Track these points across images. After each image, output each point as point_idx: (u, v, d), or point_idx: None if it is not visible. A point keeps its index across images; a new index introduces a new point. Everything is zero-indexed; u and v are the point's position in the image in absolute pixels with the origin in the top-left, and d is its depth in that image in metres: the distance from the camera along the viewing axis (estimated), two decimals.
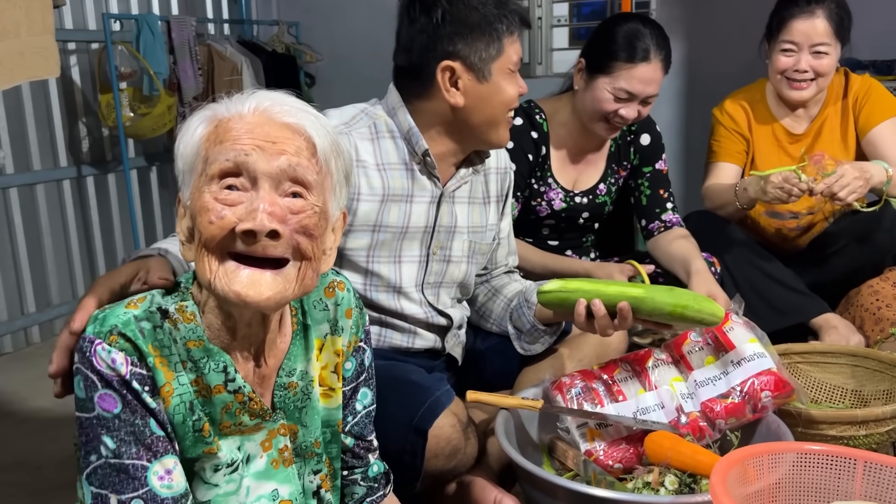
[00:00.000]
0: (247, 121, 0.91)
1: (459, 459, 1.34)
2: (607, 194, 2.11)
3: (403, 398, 1.25)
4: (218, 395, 0.93)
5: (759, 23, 3.22)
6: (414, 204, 1.47)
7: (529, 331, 1.52)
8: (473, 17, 1.38)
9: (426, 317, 1.52)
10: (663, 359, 1.45)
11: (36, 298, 3.18)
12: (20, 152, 3.09)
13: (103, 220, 3.47)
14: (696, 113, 3.50)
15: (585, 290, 1.37)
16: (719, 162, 2.29)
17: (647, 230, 2.09)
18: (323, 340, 1.06)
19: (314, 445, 1.05)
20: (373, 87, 4.09)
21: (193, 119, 0.93)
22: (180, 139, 0.93)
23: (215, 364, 0.92)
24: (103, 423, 0.87)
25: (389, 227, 1.45)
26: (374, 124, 1.47)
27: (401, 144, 1.47)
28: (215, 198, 0.88)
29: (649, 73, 1.86)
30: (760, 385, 1.34)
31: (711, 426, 1.36)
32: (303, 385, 1.02)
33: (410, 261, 1.49)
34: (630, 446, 1.37)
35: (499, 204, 1.64)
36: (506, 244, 1.71)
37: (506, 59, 1.41)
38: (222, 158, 0.88)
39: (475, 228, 1.58)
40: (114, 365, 0.87)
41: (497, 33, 1.39)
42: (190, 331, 0.91)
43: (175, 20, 3.32)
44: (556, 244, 2.13)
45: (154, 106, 3.23)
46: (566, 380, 1.43)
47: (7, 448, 2.21)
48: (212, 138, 0.91)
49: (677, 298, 1.31)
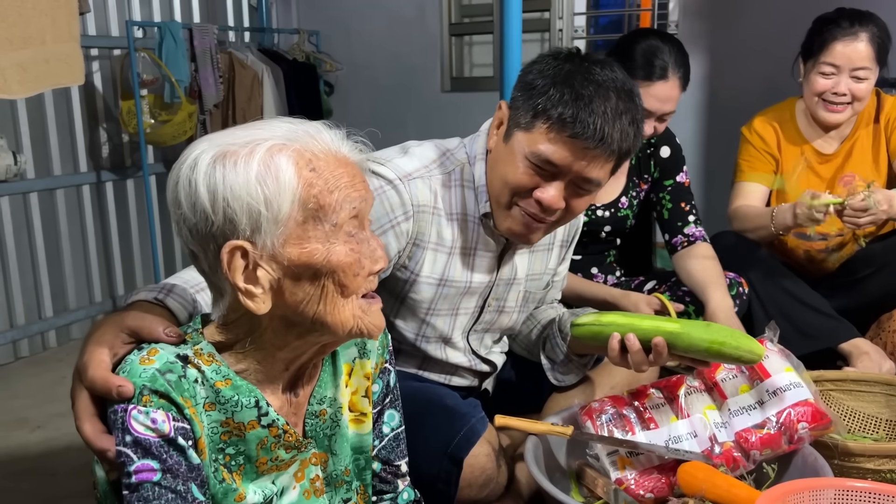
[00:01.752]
0: (339, 160, 0.88)
1: (492, 489, 1.32)
2: (629, 208, 2.09)
3: (438, 424, 1.23)
4: (251, 431, 0.90)
5: (781, 39, 3.20)
6: (477, 258, 1.41)
7: (563, 362, 1.50)
8: (534, 78, 1.26)
9: (470, 364, 1.50)
10: (696, 386, 1.42)
11: (53, 303, 3.18)
12: (41, 157, 3.10)
13: (121, 225, 3.48)
14: (717, 128, 3.48)
15: (619, 325, 1.34)
16: (748, 182, 2.25)
17: (671, 245, 2.07)
18: (352, 365, 1.04)
19: (344, 473, 1.03)
20: (391, 96, 4.14)
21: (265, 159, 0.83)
22: (247, 181, 0.82)
23: (247, 400, 0.89)
24: (144, 494, 0.82)
25: (454, 283, 1.40)
26: (453, 171, 1.38)
27: (473, 197, 1.38)
28: (352, 248, 0.88)
29: (666, 91, 1.85)
30: (797, 416, 1.31)
31: (746, 457, 1.33)
32: (331, 412, 1.00)
33: (465, 313, 1.46)
34: (662, 476, 1.34)
35: (562, 249, 1.57)
36: (559, 286, 1.65)
37: (529, 139, 1.24)
38: (348, 207, 0.87)
39: (533, 276, 1.52)
40: (154, 426, 0.83)
41: (532, 107, 1.23)
42: (215, 371, 0.88)
43: (197, 28, 3.33)
44: (578, 258, 2.10)
45: (175, 113, 3.24)
46: (596, 405, 1.40)
47: (22, 454, 2.21)
48: (315, 184, 0.84)
49: (714, 335, 1.28)
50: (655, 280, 2.14)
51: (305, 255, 0.85)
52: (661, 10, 3.69)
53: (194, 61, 3.30)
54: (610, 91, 1.21)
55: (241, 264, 0.84)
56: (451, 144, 1.42)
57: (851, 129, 2.21)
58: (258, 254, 0.84)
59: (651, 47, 1.85)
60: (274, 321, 0.88)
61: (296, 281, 0.86)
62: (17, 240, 3.02)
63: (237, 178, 0.82)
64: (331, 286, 0.87)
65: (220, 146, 0.85)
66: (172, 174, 0.86)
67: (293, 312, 0.87)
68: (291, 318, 0.88)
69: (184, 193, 0.84)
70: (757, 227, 2.13)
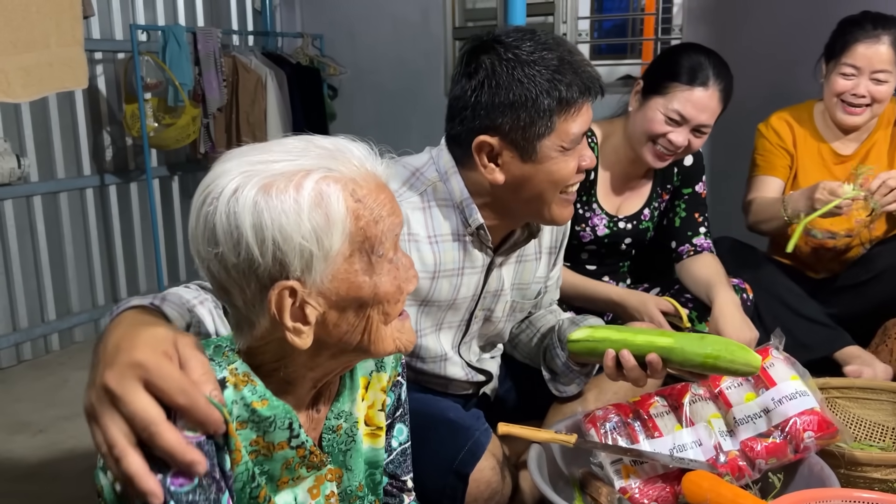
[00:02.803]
0: (378, 185, 0.85)
1: (496, 502, 1.31)
2: (651, 220, 2.07)
3: (443, 439, 1.22)
4: (280, 451, 0.88)
5: (785, 45, 3.20)
6: (464, 276, 1.39)
7: (564, 372, 1.49)
8: (516, 91, 1.19)
9: (467, 377, 1.50)
10: (701, 394, 1.41)
11: (56, 306, 3.18)
12: (45, 160, 3.10)
13: (125, 228, 3.47)
14: (720, 133, 3.45)
15: (613, 341, 1.33)
16: (763, 175, 2.26)
17: (677, 253, 2.05)
18: (368, 378, 1.03)
19: (358, 489, 1.02)
20: (394, 100, 4.13)
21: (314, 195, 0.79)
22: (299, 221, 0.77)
23: (282, 422, 0.87)
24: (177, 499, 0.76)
25: (438, 302, 1.38)
26: (427, 191, 1.34)
27: (453, 214, 1.35)
28: (394, 277, 0.87)
29: (705, 99, 1.81)
30: (803, 425, 1.30)
31: (751, 466, 1.32)
32: (347, 427, 0.99)
33: (450, 327, 1.44)
34: (666, 484, 1.33)
35: (551, 256, 1.57)
36: (553, 290, 1.64)
37: (559, 136, 1.22)
38: (391, 236, 0.85)
39: (521, 286, 1.52)
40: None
41: (546, 111, 1.19)
42: (251, 391, 0.85)
43: (201, 32, 3.33)
44: (593, 269, 2.09)
45: (178, 117, 3.24)
46: (600, 413, 1.39)
47: (24, 458, 2.20)
48: (362, 216, 0.82)
49: (709, 348, 1.27)
50: (659, 287, 2.12)
51: (354, 289, 0.83)
52: (665, 15, 3.69)
53: (198, 65, 3.29)
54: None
55: (289, 303, 0.80)
56: (420, 161, 1.38)
57: (869, 133, 2.22)
58: (307, 291, 0.80)
59: (696, 57, 1.85)
60: (309, 348, 0.85)
61: (341, 313, 0.84)
62: (20, 243, 3.01)
63: (287, 219, 0.77)
64: (375, 316, 0.86)
65: (260, 179, 0.78)
66: (202, 207, 0.80)
67: (335, 341, 0.86)
68: (328, 344, 0.86)
69: (223, 232, 0.78)
70: (769, 217, 2.12)
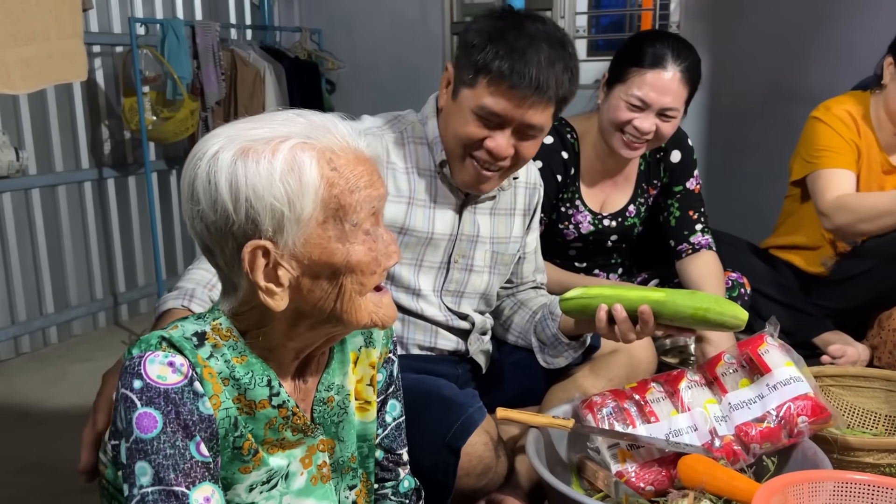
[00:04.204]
0: (358, 157, 0.88)
1: (490, 478, 1.33)
2: (636, 216, 2.07)
3: (436, 414, 1.24)
4: (262, 410, 0.91)
5: (783, 41, 3.23)
6: (437, 210, 1.49)
7: (552, 343, 1.51)
8: (472, 37, 1.34)
9: (446, 319, 1.53)
10: (697, 380, 1.43)
11: (55, 299, 3.18)
12: (43, 154, 3.10)
13: (123, 222, 3.48)
14: (718, 129, 3.49)
15: (606, 296, 1.35)
16: (837, 169, 2.01)
17: (676, 251, 2.05)
18: (357, 353, 1.05)
19: (350, 460, 1.04)
20: (392, 96, 4.14)
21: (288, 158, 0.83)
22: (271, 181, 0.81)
23: (259, 378, 0.90)
24: (140, 447, 0.82)
25: (415, 232, 1.46)
26: (405, 130, 1.50)
27: (427, 152, 1.49)
28: (369, 247, 0.89)
29: (665, 80, 1.77)
30: (797, 410, 1.32)
31: (746, 450, 1.34)
32: (339, 399, 1.01)
33: (430, 266, 1.50)
34: (662, 469, 1.34)
35: (525, 218, 1.63)
36: (532, 259, 1.69)
37: (475, 95, 1.34)
38: (367, 207, 0.87)
39: (499, 239, 1.57)
40: (172, 368, 0.83)
41: (474, 64, 1.32)
42: (230, 347, 0.89)
43: (199, 25, 3.34)
44: (583, 266, 2.11)
45: (177, 110, 3.24)
46: (597, 399, 1.41)
47: (24, 450, 2.21)
48: (336, 184, 0.85)
49: (699, 302, 1.30)
50: (658, 280, 2.14)
51: (326, 254, 0.85)
52: (663, 11, 3.70)
53: (196, 58, 3.30)
54: (542, 42, 1.32)
55: (262, 263, 0.84)
56: (402, 112, 1.54)
57: None
58: (279, 253, 0.84)
59: (651, 37, 1.85)
60: (286, 313, 0.88)
61: (314, 279, 0.87)
62: (18, 236, 3.02)
63: (260, 179, 0.81)
64: (349, 285, 0.88)
65: (240, 143, 0.83)
66: (188, 168, 0.85)
67: (310, 307, 0.88)
68: (305, 312, 0.89)
69: (202, 190, 0.83)
70: (881, 215, 1.91)
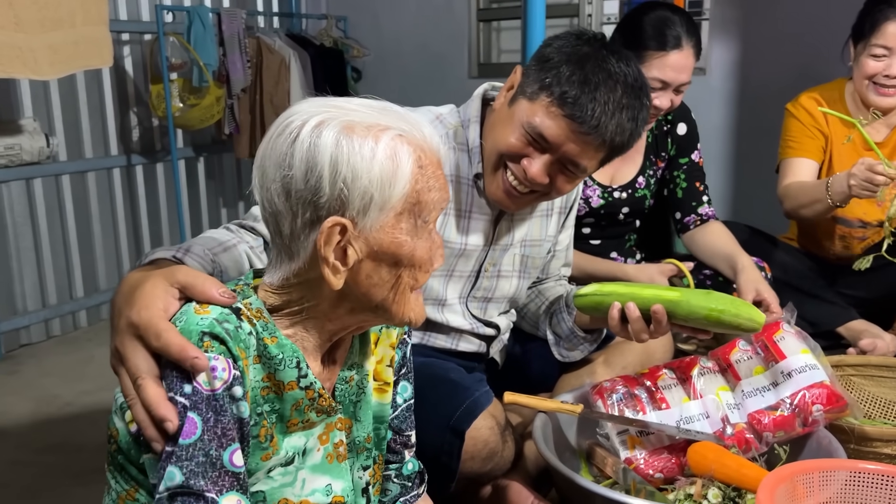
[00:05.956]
0: (438, 161, 0.90)
1: (496, 462, 1.31)
2: (646, 187, 2.06)
3: (442, 397, 1.23)
4: (290, 391, 0.91)
5: (815, 26, 3.14)
6: (472, 220, 1.42)
7: (568, 336, 1.49)
8: (549, 52, 1.28)
9: (471, 327, 1.50)
10: (710, 367, 1.40)
11: (84, 283, 3.25)
12: (73, 140, 3.16)
13: (151, 208, 3.53)
14: (746, 116, 3.41)
15: (620, 294, 1.33)
16: (796, 158, 2.14)
17: (682, 223, 2.05)
18: (378, 334, 1.06)
19: (366, 441, 1.04)
20: (418, 83, 4.15)
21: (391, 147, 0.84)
22: (371, 166, 0.83)
23: (290, 360, 0.90)
24: (175, 451, 0.79)
25: (448, 244, 1.40)
26: (447, 134, 1.41)
27: (466, 159, 1.41)
28: (429, 246, 0.90)
29: (681, 60, 1.81)
30: (812, 398, 1.29)
31: (758, 439, 1.31)
32: (358, 379, 1.01)
33: (460, 276, 1.46)
34: (672, 456, 1.33)
35: (561, 216, 1.57)
36: (562, 256, 1.64)
37: (530, 109, 1.27)
38: (438, 208, 0.90)
39: (532, 242, 1.52)
40: (214, 373, 0.81)
41: (539, 81, 1.27)
42: (262, 327, 0.89)
43: (226, 12, 3.36)
44: (597, 243, 2.08)
45: (203, 97, 3.27)
46: (607, 384, 1.39)
47: (51, 429, 2.26)
48: (420, 180, 0.87)
49: (714, 303, 1.26)
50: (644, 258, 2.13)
51: (395, 245, 0.87)
52: None
53: (222, 46, 3.33)
54: (619, 83, 1.23)
55: (336, 240, 0.84)
56: (444, 110, 1.44)
57: None
58: (355, 234, 0.85)
59: (661, 18, 1.83)
60: (334, 294, 0.89)
61: (376, 266, 0.88)
62: (49, 221, 3.08)
63: (363, 160, 0.83)
64: (406, 278, 0.90)
65: (342, 120, 0.84)
66: (282, 134, 0.85)
67: (362, 293, 0.89)
68: (353, 296, 0.90)
69: (300, 157, 0.83)
70: (812, 202, 2.01)
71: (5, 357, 2.88)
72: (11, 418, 2.34)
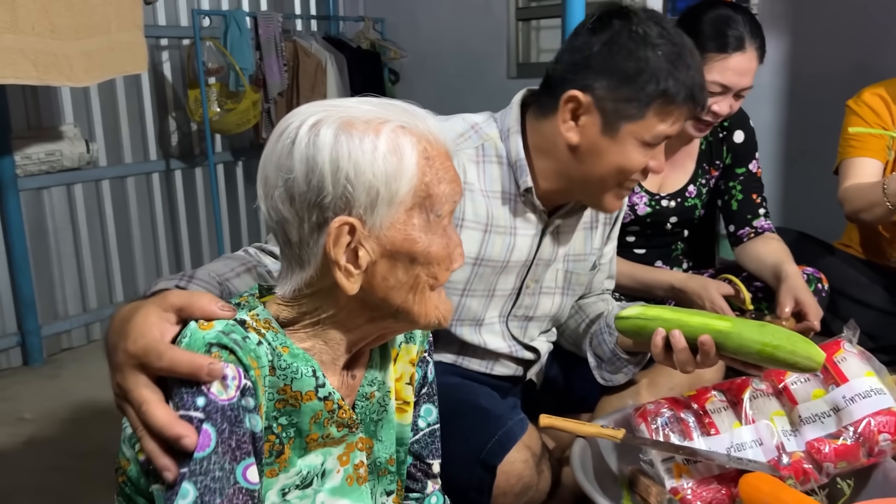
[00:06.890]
0: (446, 153, 0.87)
1: (531, 497, 1.24)
2: (697, 196, 1.94)
3: (471, 427, 1.16)
4: (308, 402, 0.86)
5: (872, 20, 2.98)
6: (518, 237, 1.35)
7: (610, 359, 1.40)
8: (629, 66, 1.19)
9: (510, 350, 1.42)
10: (763, 389, 1.31)
11: (124, 287, 3.27)
12: (113, 146, 3.19)
13: (190, 213, 3.55)
14: (796, 115, 3.27)
15: (665, 319, 1.23)
16: (858, 158, 2.02)
17: (736, 236, 1.93)
18: (398, 350, 1.00)
19: (388, 462, 0.99)
20: (456, 84, 4.09)
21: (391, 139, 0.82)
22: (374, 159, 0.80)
23: (305, 369, 0.85)
24: (189, 466, 0.75)
25: (490, 262, 1.33)
26: (483, 146, 1.33)
27: (505, 173, 1.32)
28: (446, 243, 0.87)
29: (744, 63, 1.69)
30: (878, 426, 1.18)
31: (818, 470, 1.21)
32: (380, 396, 0.96)
33: (501, 295, 1.39)
34: (722, 486, 1.23)
35: (606, 227, 1.49)
36: (606, 269, 1.56)
37: (645, 127, 1.21)
38: (451, 202, 0.87)
39: (575, 257, 1.45)
40: (226, 381, 0.77)
41: (646, 96, 1.19)
42: (273, 337, 0.85)
43: (262, 16, 3.35)
44: (642, 252, 1.99)
45: (240, 101, 3.27)
46: (652, 407, 1.31)
47: (88, 435, 2.27)
48: (427, 172, 0.84)
49: (768, 337, 1.16)
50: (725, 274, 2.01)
51: (408, 242, 0.83)
52: None
53: (259, 50, 3.32)
54: (689, 46, 1.23)
55: (345, 241, 0.81)
56: (479, 118, 1.37)
57: None
58: (365, 233, 0.82)
59: (722, 17, 1.71)
60: (351, 302, 0.85)
61: (391, 266, 0.84)
62: (89, 226, 3.12)
63: (364, 155, 0.80)
64: (424, 277, 0.86)
65: (340, 117, 0.82)
66: (281, 137, 0.82)
67: (380, 297, 0.85)
68: (371, 302, 0.86)
69: (299, 158, 0.80)
70: (871, 205, 1.91)
71: (47, 361, 2.91)
72: (52, 423, 2.35)
